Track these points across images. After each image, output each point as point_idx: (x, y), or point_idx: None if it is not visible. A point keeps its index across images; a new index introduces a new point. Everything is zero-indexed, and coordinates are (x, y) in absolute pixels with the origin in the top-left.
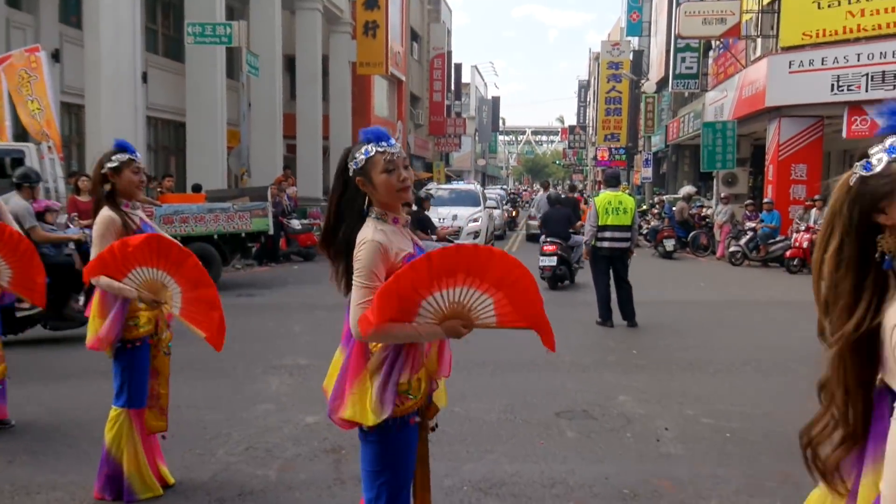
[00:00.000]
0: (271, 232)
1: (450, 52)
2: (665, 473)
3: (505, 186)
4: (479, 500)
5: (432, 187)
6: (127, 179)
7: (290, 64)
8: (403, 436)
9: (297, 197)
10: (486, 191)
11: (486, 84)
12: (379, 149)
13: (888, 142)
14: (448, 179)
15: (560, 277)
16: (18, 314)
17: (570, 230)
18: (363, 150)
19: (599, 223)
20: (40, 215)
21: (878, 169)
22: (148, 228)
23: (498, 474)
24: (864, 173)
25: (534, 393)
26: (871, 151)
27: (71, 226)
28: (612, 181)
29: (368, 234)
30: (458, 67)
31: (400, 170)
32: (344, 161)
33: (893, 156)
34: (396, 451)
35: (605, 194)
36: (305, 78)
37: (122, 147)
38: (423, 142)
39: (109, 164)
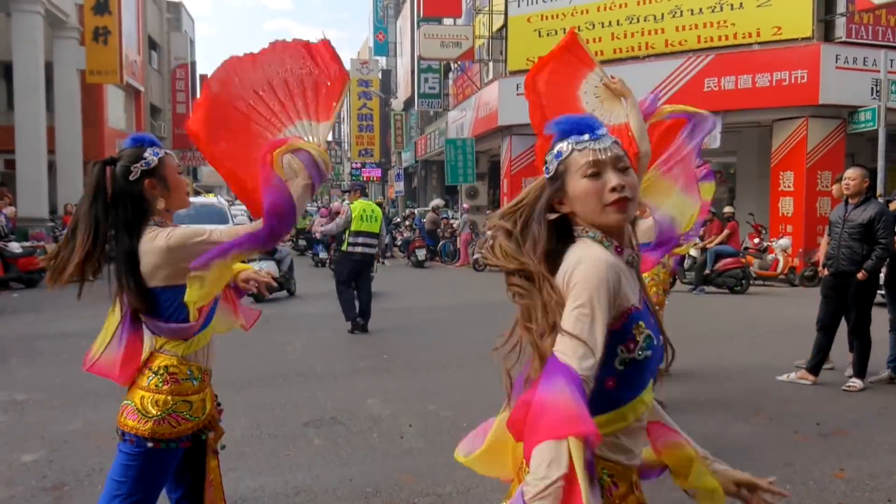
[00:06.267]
0: None
1: (194, 63)
2: (407, 468)
3: None
4: None
5: None
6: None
7: (6, 71)
8: (165, 457)
9: (16, 217)
10: (234, 207)
11: None
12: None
13: (556, 149)
14: (197, 194)
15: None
16: None
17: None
18: (153, 152)
19: (353, 229)
20: None
21: (552, 172)
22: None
23: (240, 490)
24: (546, 176)
25: (282, 406)
26: (546, 159)
27: None
28: (363, 191)
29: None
30: (204, 79)
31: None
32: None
33: (559, 159)
34: (153, 471)
35: (360, 202)
36: (25, 86)
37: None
38: None
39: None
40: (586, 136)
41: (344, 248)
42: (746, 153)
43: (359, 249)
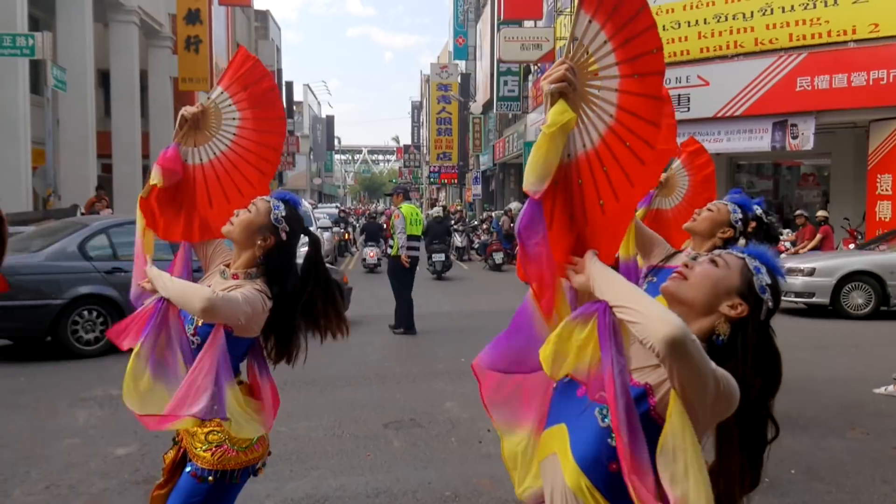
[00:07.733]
0: None
1: (280, 70)
2: (485, 473)
3: (339, 205)
4: None
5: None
6: None
7: (104, 79)
8: (240, 486)
9: None
10: (317, 210)
11: (319, 103)
12: None
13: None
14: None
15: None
16: None
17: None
18: None
19: (407, 233)
20: None
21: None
22: None
23: (322, 490)
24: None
25: (363, 407)
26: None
27: None
28: (406, 194)
29: None
30: (290, 85)
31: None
32: None
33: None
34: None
35: (409, 206)
36: (121, 94)
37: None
38: None
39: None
40: None
41: (396, 252)
42: (841, 155)
43: (414, 253)
